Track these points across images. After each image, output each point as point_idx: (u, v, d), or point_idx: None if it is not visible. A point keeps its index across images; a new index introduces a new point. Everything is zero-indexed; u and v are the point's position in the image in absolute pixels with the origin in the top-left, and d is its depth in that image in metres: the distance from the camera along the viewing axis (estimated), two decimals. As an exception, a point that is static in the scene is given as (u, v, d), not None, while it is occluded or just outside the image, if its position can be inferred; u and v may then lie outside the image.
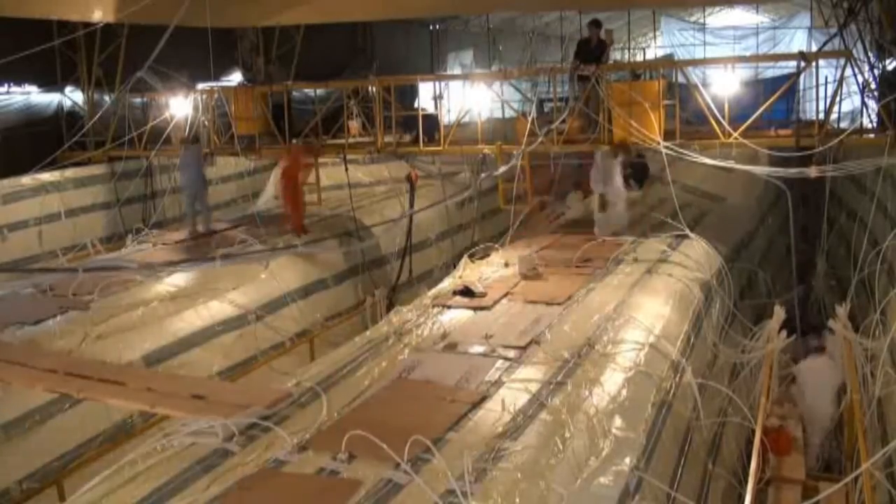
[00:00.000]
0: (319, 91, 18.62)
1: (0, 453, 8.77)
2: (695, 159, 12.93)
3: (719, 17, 33.45)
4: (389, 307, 13.26)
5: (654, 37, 34.13)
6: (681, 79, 14.31)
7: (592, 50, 14.43)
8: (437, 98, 16.11)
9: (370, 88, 17.52)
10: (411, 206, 15.20)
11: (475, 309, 9.86)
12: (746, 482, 7.33)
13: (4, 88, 16.83)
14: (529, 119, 14.09)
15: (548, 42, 29.60)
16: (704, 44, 30.51)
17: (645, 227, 14.49)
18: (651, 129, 13.03)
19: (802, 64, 13.20)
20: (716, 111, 12.93)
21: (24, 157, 15.50)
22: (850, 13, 14.63)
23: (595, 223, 13.73)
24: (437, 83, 16.72)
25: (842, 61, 12.79)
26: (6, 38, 13.48)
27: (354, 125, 17.87)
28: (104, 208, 17.00)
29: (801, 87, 15.47)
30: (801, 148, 12.74)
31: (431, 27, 26.35)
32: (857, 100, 13.88)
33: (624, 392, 7.46)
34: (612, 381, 7.61)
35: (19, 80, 17.09)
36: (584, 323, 9.13)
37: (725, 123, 12.92)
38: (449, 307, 9.99)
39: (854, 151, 13.57)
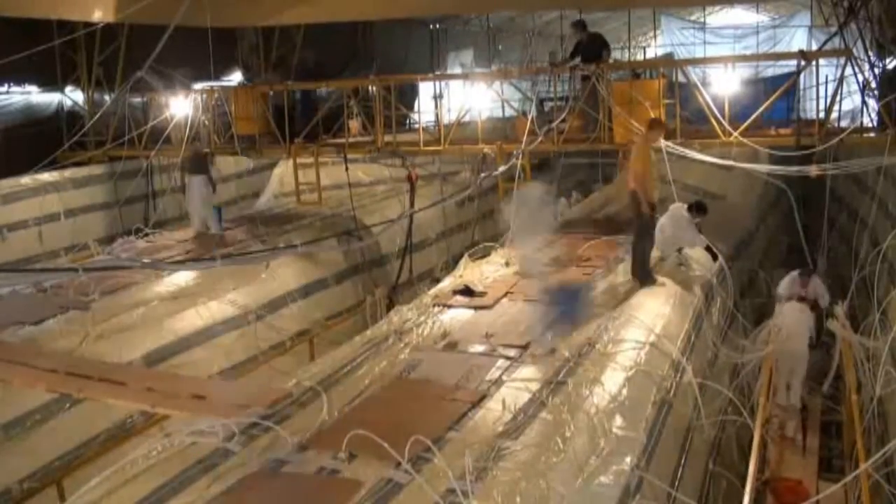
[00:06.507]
0: (320, 90, 18.61)
1: (1, 453, 8.77)
2: (695, 157, 12.92)
3: (719, 17, 33.42)
4: (390, 306, 13.25)
5: (655, 36, 34.08)
6: (681, 78, 14.28)
7: (590, 47, 14.42)
8: (437, 97, 16.10)
9: (370, 88, 17.51)
10: (411, 205, 15.19)
11: (475, 308, 9.86)
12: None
13: (4, 88, 16.81)
14: (529, 118, 14.08)
15: (547, 41, 29.58)
16: (705, 43, 30.51)
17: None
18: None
19: (802, 63, 13.20)
20: (716, 110, 12.91)
21: (24, 157, 15.48)
22: (850, 12, 14.61)
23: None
24: (436, 82, 16.70)
25: (842, 60, 12.78)
26: (6, 38, 13.46)
27: (354, 124, 17.85)
28: (104, 208, 16.99)
29: (802, 86, 15.43)
30: (802, 147, 12.73)
31: (431, 27, 26.31)
32: (857, 99, 13.86)
33: (624, 391, 7.46)
34: (613, 380, 7.60)
35: (19, 80, 17.07)
36: (584, 321, 9.12)
37: (726, 122, 12.91)
38: (449, 306, 9.98)
39: (854, 150, 13.56)
